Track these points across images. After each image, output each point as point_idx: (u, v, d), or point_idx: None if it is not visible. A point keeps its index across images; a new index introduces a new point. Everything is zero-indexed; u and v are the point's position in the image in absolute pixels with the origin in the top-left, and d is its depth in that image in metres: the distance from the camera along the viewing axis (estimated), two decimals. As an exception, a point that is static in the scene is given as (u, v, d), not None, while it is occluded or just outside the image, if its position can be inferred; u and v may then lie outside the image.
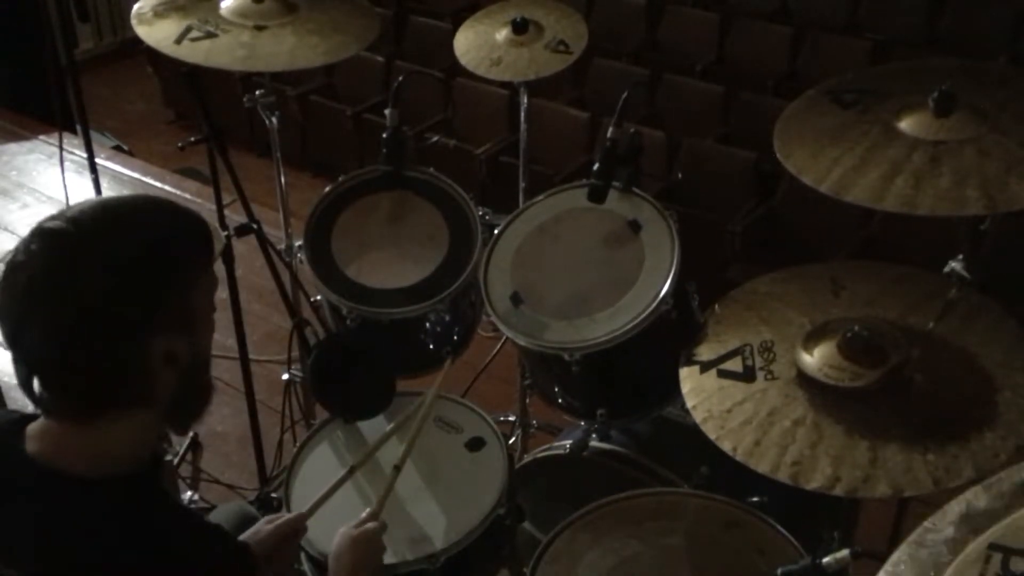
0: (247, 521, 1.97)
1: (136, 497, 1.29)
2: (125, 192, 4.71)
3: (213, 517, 1.98)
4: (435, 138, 4.36)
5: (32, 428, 1.30)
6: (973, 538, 0.70)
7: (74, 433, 1.26)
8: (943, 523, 0.72)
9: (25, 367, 1.25)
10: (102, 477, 1.26)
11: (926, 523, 0.73)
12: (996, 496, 0.72)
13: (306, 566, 1.94)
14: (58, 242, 1.22)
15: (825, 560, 1.55)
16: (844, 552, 1.54)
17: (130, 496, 1.28)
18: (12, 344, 1.24)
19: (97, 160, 3.52)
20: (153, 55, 5.95)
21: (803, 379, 1.66)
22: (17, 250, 1.23)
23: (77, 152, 4.01)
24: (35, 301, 1.20)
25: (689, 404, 1.74)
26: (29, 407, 1.38)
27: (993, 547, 0.70)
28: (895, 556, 0.71)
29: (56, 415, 1.27)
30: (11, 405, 3.12)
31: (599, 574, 1.77)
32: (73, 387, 1.24)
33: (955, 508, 0.73)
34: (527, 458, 2.27)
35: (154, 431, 1.35)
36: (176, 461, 3.06)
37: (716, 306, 1.92)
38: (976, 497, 0.73)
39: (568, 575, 1.77)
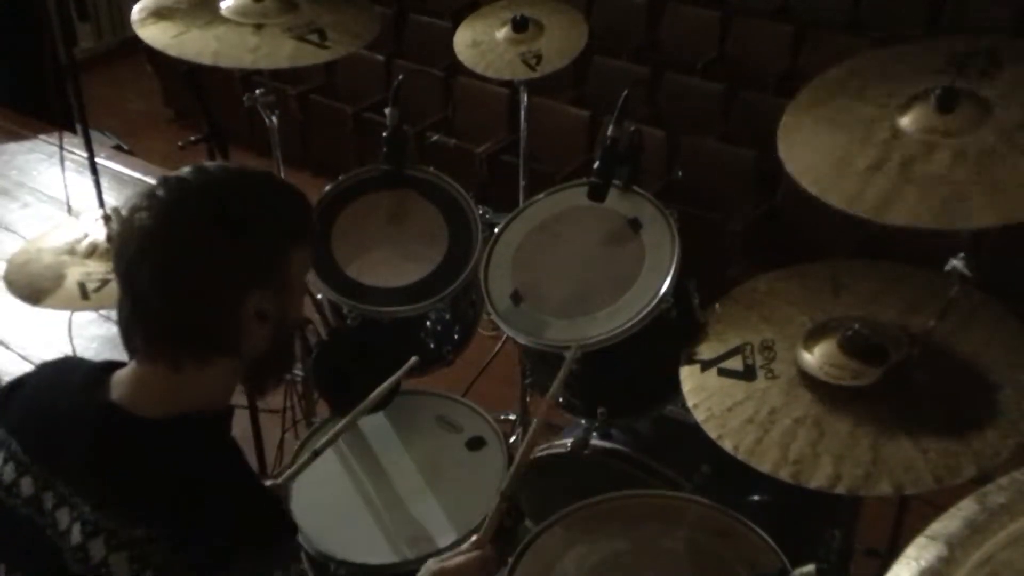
0: None
1: (203, 437, 1.32)
2: (125, 191, 4.71)
3: None
4: (435, 137, 4.37)
5: (119, 374, 1.34)
6: None
7: (161, 376, 1.30)
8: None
9: (130, 305, 1.30)
10: (174, 416, 1.30)
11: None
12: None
13: (305, 563, 1.94)
14: (179, 189, 1.29)
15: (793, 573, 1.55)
16: (809, 567, 1.52)
17: (197, 435, 1.31)
18: (124, 281, 1.30)
19: (97, 159, 3.51)
20: (153, 54, 5.94)
21: (804, 378, 1.66)
22: (142, 194, 1.30)
23: (77, 151, 4.01)
24: (150, 242, 1.27)
25: (690, 403, 1.73)
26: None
27: None
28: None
29: (148, 357, 1.31)
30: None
31: (580, 570, 1.76)
32: (172, 329, 1.29)
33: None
34: (528, 457, 2.27)
35: (234, 382, 1.39)
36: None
37: (717, 305, 1.92)
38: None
39: (549, 570, 1.77)
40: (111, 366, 1.37)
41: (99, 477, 1.29)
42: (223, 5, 2.34)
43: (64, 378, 1.38)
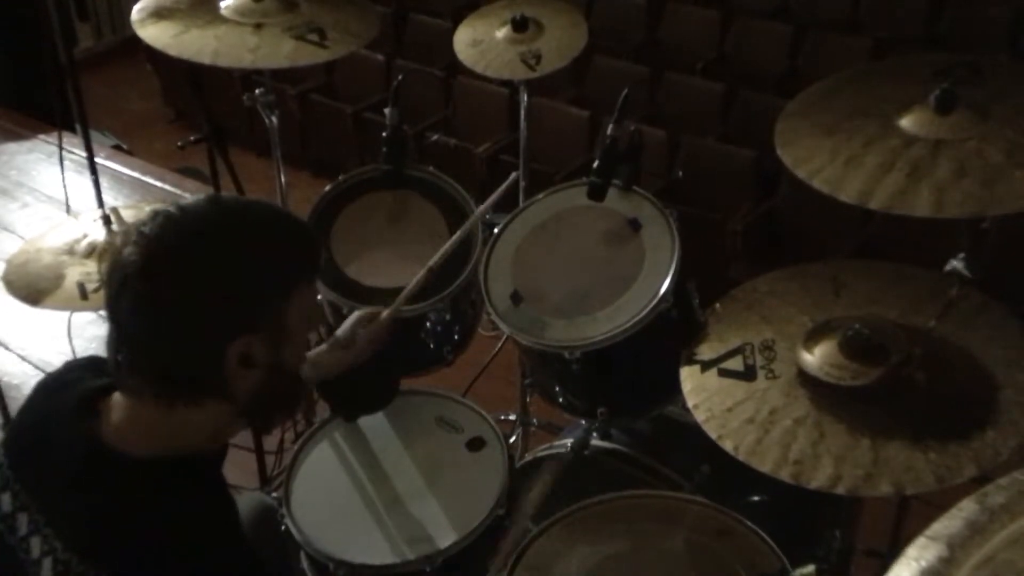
0: (266, 512, 1.97)
1: (187, 481, 1.28)
2: (124, 191, 4.71)
3: None
4: (435, 137, 4.37)
5: (116, 399, 1.31)
6: None
7: (150, 412, 1.27)
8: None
9: (116, 336, 1.26)
10: (160, 456, 1.26)
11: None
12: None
13: (304, 563, 1.94)
14: (169, 224, 1.24)
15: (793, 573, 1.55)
16: (809, 567, 1.53)
17: (181, 479, 1.27)
18: (109, 312, 1.26)
19: (97, 159, 3.51)
20: (153, 54, 5.94)
21: (804, 378, 1.66)
22: (139, 223, 1.26)
23: (77, 151, 4.00)
24: (131, 278, 1.22)
25: (690, 403, 1.73)
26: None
27: None
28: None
29: (133, 391, 1.28)
30: (11, 405, 3.12)
31: (580, 570, 1.76)
32: (154, 367, 1.25)
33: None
34: (528, 457, 2.27)
35: (228, 424, 1.34)
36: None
37: (717, 305, 1.91)
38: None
39: (549, 570, 1.77)
40: (109, 388, 1.33)
41: (74, 516, 1.25)
42: (223, 5, 2.34)
43: (60, 396, 1.34)
